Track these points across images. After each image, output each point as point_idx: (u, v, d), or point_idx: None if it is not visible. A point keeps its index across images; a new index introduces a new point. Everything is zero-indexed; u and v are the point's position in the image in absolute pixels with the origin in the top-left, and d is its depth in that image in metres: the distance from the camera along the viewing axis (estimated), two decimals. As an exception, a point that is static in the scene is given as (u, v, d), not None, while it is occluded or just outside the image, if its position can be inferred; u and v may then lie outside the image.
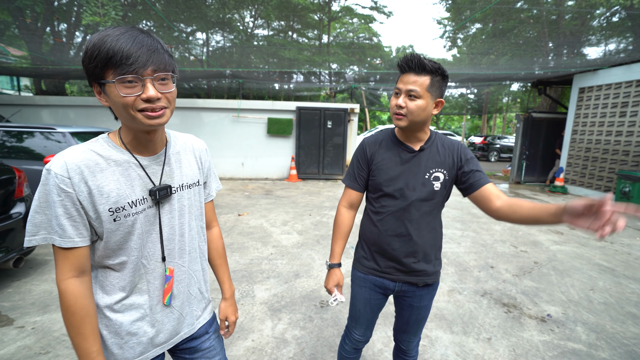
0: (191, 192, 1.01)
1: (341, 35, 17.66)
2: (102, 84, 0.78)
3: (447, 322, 2.67)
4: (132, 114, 0.79)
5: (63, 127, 4.51)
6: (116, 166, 0.85)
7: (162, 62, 0.79)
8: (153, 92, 0.78)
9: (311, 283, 3.25)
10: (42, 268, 3.40)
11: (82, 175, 0.80)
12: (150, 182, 0.90)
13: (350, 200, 1.46)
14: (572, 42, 9.01)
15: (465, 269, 3.70)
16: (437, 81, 1.22)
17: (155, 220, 0.92)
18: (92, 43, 0.76)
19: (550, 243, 4.67)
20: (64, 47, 9.10)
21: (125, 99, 0.77)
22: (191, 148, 1.04)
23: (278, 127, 9.23)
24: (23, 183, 3.20)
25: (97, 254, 0.88)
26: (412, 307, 1.44)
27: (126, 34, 0.76)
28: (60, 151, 3.85)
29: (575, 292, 3.24)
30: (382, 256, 1.39)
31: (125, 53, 0.74)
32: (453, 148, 1.33)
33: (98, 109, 9.03)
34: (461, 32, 14.37)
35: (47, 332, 2.36)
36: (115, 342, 0.92)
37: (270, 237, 4.53)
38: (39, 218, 0.79)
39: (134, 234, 0.88)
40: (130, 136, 0.88)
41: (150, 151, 0.92)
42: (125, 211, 0.85)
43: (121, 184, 0.85)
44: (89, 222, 0.83)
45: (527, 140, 9.94)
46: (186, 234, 1.00)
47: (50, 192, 0.78)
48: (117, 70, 0.74)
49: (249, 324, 2.54)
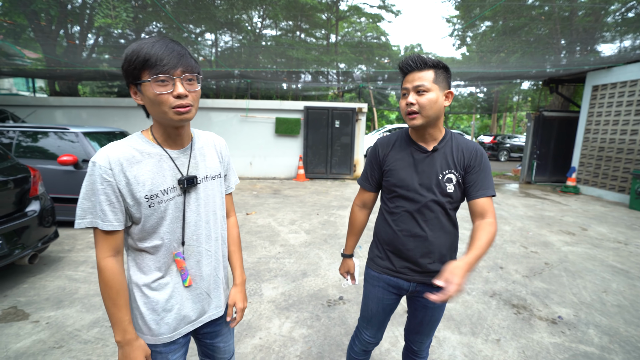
0: (214, 183, 1.12)
1: (349, 35, 17.61)
2: (138, 85, 0.91)
3: (455, 322, 2.65)
4: (164, 110, 0.91)
5: (76, 127, 4.60)
6: (150, 158, 0.97)
7: (189, 65, 0.92)
8: (182, 89, 0.90)
9: (318, 282, 3.25)
10: (55, 265, 3.48)
11: (121, 166, 0.92)
12: (179, 172, 1.02)
13: (364, 199, 1.51)
14: (586, 39, 8.81)
15: (474, 269, 3.66)
16: (441, 73, 1.22)
17: (183, 207, 1.03)
18: (131, 49, 0.89)
19: (562, 244, 4.59)
20: (77, 49, 9.28)
21: (159, 96, 0.89)
22: (213, 143, 1.16)
23: (286, 127, 9.26)
24: (38, 182, 3.28)
25: (135, 237, 1.00)
26: (426, 308, 1.43)
27: (160, 42, 0.90)
28: (72, 150, 3.89)
29: (587, 294, 3.18)
30: (396, 256, 1.39)
31: (159, 56, 0.88)
32: (469, 150, 1.30)
33: (109, 110, 9.19)
34: (470, 30, 14.19)
35: (61, 327, 2.41)
36: (153, 319, 1.03)
37: (278, 236, 4.55)
38: (86, 204, 0.92)
39: (166, 219, 1.00)
40: (160, 131, 1.00)
41: (178, 145, 1.04)
42: (159, 198, 0.97)
43: (154, 173, 0.97)
44: (126, 209, 0.95)
45: (538, 139, 9.78)
46: (211, 221, 1.11)
47: (95, 181, 0.90)
48: (152, 70, 0.88)
49: (257, 322, 2.56)
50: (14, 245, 2.84)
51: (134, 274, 1.03)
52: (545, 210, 6.57)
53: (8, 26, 8.30)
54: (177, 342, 1.08)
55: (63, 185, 4.37)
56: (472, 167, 1.28)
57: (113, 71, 9.51)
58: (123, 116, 9.20)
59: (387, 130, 17.59)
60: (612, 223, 5.75)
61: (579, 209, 6.81)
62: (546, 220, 5.84)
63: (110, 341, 2.27)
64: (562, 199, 7.84)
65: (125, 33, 9.76)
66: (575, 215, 6.22)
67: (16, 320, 2.48)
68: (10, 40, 8.64)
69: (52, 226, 3.33)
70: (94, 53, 9.60)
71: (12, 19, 8.26)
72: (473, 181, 1.27)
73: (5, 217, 2.88)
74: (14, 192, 2.97)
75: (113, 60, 9.62)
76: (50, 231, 3.31)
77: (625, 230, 5.36)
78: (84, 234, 4.45)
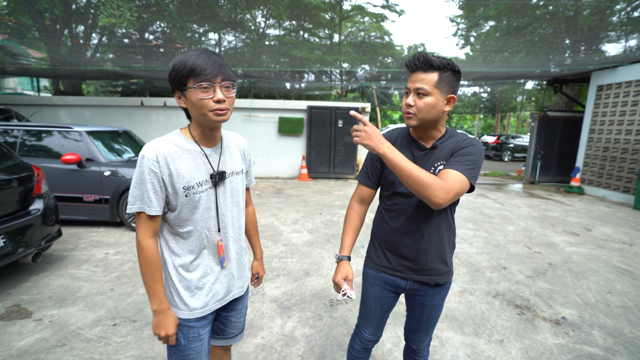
0: (238, 178, 1.28)
1: (352, 34, 17.58)
2: (182, 90, 1.06)
3: (458, 322, 2.63)
4: (205, 112, 1.06)
5: (79, 127, 4.62)
6: (188, 154, 1.12)
7: (227, 74, 1.07)
8: (221, 95, 1.06)
9: (321, 282, 3.25)
10: (59, 263, 3.49)
11: (165, 160, 1.07)
12: (211, 167, 1.17)
13: (362, 196, 1.47)
14: (590, 39, 8.74)
15: (477, 269, 3.64)
16: (446, 77, 1.19)
17: (214, 198, 1.18)
18: (179, 60, 1.05)
19: (566, 244, 4.56)
20: (81, 48, 9.32)
21: (201, 101, 1.04)
22: (237, 143, 1.32)
23: (289, 126, 9.25)
24: (41, 180, 3.29)
25: (171, 223, 1.15)
26: (424, 306, 1.43)
27: (203, 54, 1.05)
28: (76, 149, 3.94)
29: (591, 295, 3.15)
30: (393, 254, 1.39)
31: (204, 66, 1.02)
32: (458, 139, 1.28)
33: (113, 109, 9.22)
34: (474, 29, 14.12)
35: (64, 325, 2.42)
36: (188, 295, 1.18)
37: (280, 236, 4.55)
38: (136, 192, 1.06)
39: (199, 208, 1.15)
40: (198, 131, 1.15)
41: (212, 143, 1.19)
42: (194, 189, 1.12)
43: (192, 168, 1.12)
44: (166, 197, 1.10)
45: (542, 139, 9.72)
46: (235, 211, 1.27)
47: (143, 172, 1.05)
48: (197, 78, 1.03)
49: (259, 321, 2.56)
50: (17, 244, 2.85)
51: (168, 257, 1.17)
52: (549, 211, 6.52)
53: (13, 25, 8.35)
54: (206, 318, 1.22)
55: (66, 184, 4.39)
56: (455, 151, 1.24)
57: (117, 70, 9.55)
58: (127, 115, 9.24)
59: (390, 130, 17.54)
60: (616, 224, 5.70)
61: (583, 209, 6.76)
62: (550, 220, 5.80)
63: (112, 340, 2.27)
64: (566, 199, 7.78)
65: (129, 32, 9.79)
66: (579, 216, 6.17)
67: (19, 319, 2.49)
68: (15, 39, 8.69)
69: (55, 225, 3.34)
70: (97, 52, 9.64)
71: (17, 19, 8.30)
72: (452, 162, 1.21)
73: (9, 215, 2.89)
74: (17, 190, 2.98)
75: (117, 60, 9.66)
76: (54, 230, 3.32)
77: (630, 230, 5.31)
78: (87, 232, 4.47)
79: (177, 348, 1.19)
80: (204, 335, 1.23)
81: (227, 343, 1.43)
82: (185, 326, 1.18)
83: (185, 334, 1.18)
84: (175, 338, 1.17)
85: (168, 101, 9.22)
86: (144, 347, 2.20)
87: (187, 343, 1.19)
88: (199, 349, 1.21)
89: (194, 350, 1.20)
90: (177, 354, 1.19)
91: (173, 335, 1.14)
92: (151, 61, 9.46)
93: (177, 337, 1.18)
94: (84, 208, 4.48)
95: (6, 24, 8.12)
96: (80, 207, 4.48)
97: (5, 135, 4.56)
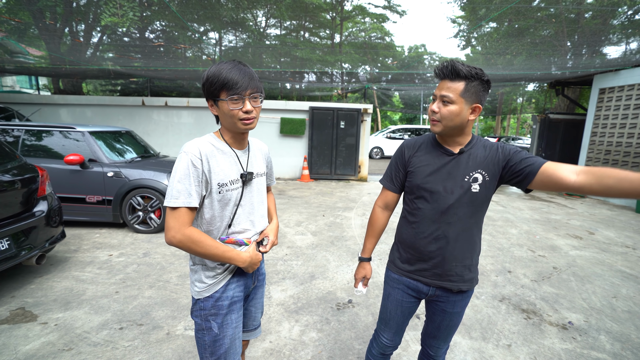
0: (262, 179, 1.41)
1: (353, 35, 17.60)
2: (215, 100, 1.17)
3: (465, 327, 2.64)
4: (234, 121, 1.18)
5: (82, 127, 4.60)
6: (222, 154, 1.23)
7: (256, 86, 1.18)
8: (250, 107, 1.17)
9: (327, 285, 3.24)
10: (62, 265, 3.47)
11: (206, 157, 1.17)
12: (242, 168, 1.29)
13: (386, 200, 1.49)
14: (592, 42, 8.77)
15: (482, 273, 3.64)
16: (473, 87, 1.21)
17: (241, 196, 1.29)
18: (212, 72, 1.14)
19: (570, 248, 4.57)
20: (81, 47, 9.29)
21: (232, 111, 1.16)
22: (259, 148, 1.44)
23: (291, 127, 9.25)
24: (46, 182, 3.28)
25: (204, 221, 1.23)
26: (445, 313, 1.43)
27: (235, 68, 1.14)
28: (78, 150, 3.95)
29: (597, 300, 3.16)
30: (417, 259, 1.39)
31: (235, 80, 1.12)
32: (493, 147, 1.32)
33: (114, 108, 9.19)
34: (476, 31, 14.15)
35: (70, 328, 2.41)
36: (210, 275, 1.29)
37: (284, 238, 4.54)
38: (180, 186, 1.12)
39: (230, 205, 1.25)
40: (229, 135, 1.27)
41: (241, 146, 1.31)
42: (227, 187, 1.22)
43: (226, 166, 1.23)
44: (201, 193, 1.18)
45: (544, 141, 9.75)
46: (259, 207, 1.37)
47: (187, 167, 1.13)
48: (230, 92, 1.13)
49: (267, 325, 2.55)
50: (21, 246, 2.84)
51: None
52: (552, 214, 6.54)
53: (13, 24, 8.31)
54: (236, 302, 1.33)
55: (69, 184, 4.37)
56: (507, 155, 1.27)
57: (117, 70, 9.51)
58: (127, 115, 9.21)
59: (391, 131, 17.57)
60: (619, 227, 5.72)
61: (585, 212, 6.78)
62: (552, 223, 5.82)
63: (119, 344, 2.26)
64: (568, 202, 7.80)
65: (130, 31, 9.76)
66: (581, 219, 6.19)
67: (24, 322, 2.47)
68: (14, 37, 8.65)
69: (59, 226, 3.33)
70: (98, 51, 9.61)
71: (17, 17, 8.26)
72: (521, 159, 1.22)
73: (13, 217, 2.87)
74: (21, 192, 2.97)
75: (117, 59, 9.63)
76: (57, 231, 3.30)
77: (633, 234, 5.33)
78: (90, 234, 4.45)
79: (212, 334, 1.26)
80: (237, 322, 1.31)
81: (247, 337, 1.51)
82: (216, 313, 1.27)
83: (219, 322, 1.26)
84: (211, 326, 1.26)
85: (169, 101, 9.20)
86: (151, 352, 2.20)
87: (222, 331, 1.26)
88: (233, 336, 1.29)
89: (228, 337, 1.28)
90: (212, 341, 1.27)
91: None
92: (152, 60, 9.44)
93: (212, 326, 1.26)
94: (87, 209, 4.46)
95: (7, 22, 8.08)
96: (83, 208, 4.46)
97: (7, 135, 4.54)
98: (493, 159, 1.28)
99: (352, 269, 3.62)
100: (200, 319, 1.26)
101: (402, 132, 17.62)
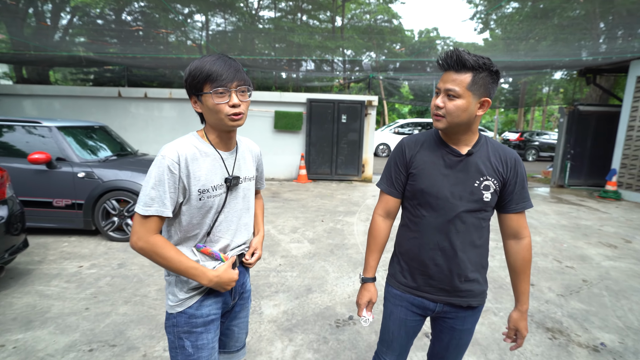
0: (250, 183, 1.42)
1: (357, 17, 17.64)
2: (199, 95, 1.19)
3: (481, 347, 2.62)
4: (221, 117, 1.19)
5: (49, 121, 4.60)
6: (206, 157, 1.23)
7: (243, 79, 1.20)
8: (237, 100, 1.18)
9: (325, 299, 3.23)
10: (24, 279, 3.46)
11: (186, 161, 1.17)
12: (227, 171, 1.29)
13: (387, 207, 1.45)
14: (629, 23, 8.74)
15: (500, 285, 3.63)
16: (481, 78, 1.20)
17: (224, 203, 1.30)
18: (195, 66, 1.17)
19: (602, 258, 4.56)
20: (48, 30, 9.30)
21: (217, 106, 1.17)
22: (250, 149, 1.46)
23: (286, 122, 9.26)
24: (6, 183, 3.27)
25: (182, 228, 1.24)
26: (454, 330, 1.42)
27: (219, 60, 1.17)
28: (44, 147, 3.95)
29: (634, 318, 3.14)
30: (421, 273, 1.38)
31: (220, 72, 1.15)
32: (507, 157, 1.32)
33: (86, 100, 9.20)
34: (495, 12, 14.17)
35: (31, 351, 2.39)
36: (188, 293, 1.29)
37: (278, 246, 4.54)
38: (154, 193, 1.13)
39: (211, 212, 1.26)
40: (214, 135, 1.27)
41: (228, 147, 1.32)
42: (209, 193, 1.23)
43: (208, 171, 1.23)
44: (177, 200, 1.19)
45: (573, 137, 9.74)
46: (243, 215, 1.38)
47: (163, 172, 1.13)
48: (213, 84, 1.15)
49: (256, 345, 2.54)
50: (-22, 256, 2.83)
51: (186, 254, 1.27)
52: (582, 219, 6.53)
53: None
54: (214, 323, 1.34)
55: (34, 186, 4.37)
56: (511, 177, 1.31)
57: (90, 56, 9.53)
58: (102, 107, 9.22)
59: (399, 126, 17.58)
60: (658, 234, 5.71)
61: (621, 217, 6.77)
62: (582, 230, 5.80)
63: (88, 367, 2.25)
64: (601, 205, 7.80)
65: (104, 13, 9.78)
66: (616, 225, 6.18)
67: (-19, 342, 2.46)
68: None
69: (21, 234, 3.32)
70: (67, 35, 9.62)
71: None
72: (511, 193, 1.32)
73: (-31, 223, 2.86)
74: (-21, 194, 2.96)
75: (90, 45, 9.65)
76: (19, 240, 3.29)
77: (674, 242, 5.32)
78: (57, 242, 4.44)
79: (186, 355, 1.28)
80: (213, 342, 1.32)
81: (230, 358, 1.51)
82: (192, 331, 1.28)
83: (192, 341, 1.27)
84: (184, 344, 1.27)
85: (149, 92, 9.21)
86: (124, 377, 2.18)
87: (196, 351, 1.27)
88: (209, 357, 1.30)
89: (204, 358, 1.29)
90: None
91: None
92: (130, 46, 9.46)
93: (185, 345, 1.27)
94: (54, 214, 4.45)
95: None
96: (49, 214, 4.45)
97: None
98: (503, 169, 1.31)
99: (353, 280, 3.61)
100: (173, 335, 1.28)
101: (412, 127, 17.64)
